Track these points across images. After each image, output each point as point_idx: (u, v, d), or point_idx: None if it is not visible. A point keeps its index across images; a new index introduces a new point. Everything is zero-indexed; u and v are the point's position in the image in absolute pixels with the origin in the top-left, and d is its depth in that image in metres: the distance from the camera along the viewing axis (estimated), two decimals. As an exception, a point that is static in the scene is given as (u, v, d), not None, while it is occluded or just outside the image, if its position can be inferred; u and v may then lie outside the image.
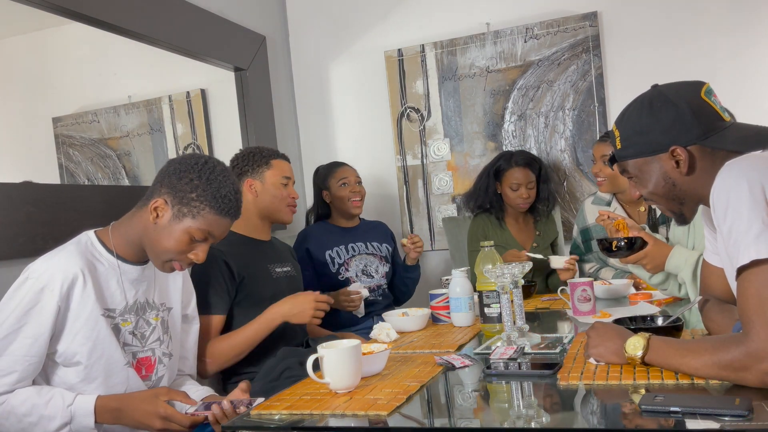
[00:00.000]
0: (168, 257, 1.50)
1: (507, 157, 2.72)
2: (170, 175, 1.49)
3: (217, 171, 1.50)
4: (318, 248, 2.57)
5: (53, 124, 2.25)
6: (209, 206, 1.47)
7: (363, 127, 3.37)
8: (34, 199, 1.79)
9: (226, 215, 1.51)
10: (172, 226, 1.47)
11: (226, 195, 1.49)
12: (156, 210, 1.47)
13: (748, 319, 1.08)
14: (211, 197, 1.47)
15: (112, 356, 1.46)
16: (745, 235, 1.08)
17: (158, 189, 1.50)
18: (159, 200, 1.47)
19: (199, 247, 1.51)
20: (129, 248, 1.53)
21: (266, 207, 2.11)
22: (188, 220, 1.47)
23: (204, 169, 1.49)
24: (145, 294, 1.57)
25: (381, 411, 1.18)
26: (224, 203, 1.49)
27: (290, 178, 2.16)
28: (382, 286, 2.65)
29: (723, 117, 1.27)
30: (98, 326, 1.44)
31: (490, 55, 3.11)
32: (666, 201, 1.34)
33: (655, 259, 1.82)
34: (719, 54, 2.81)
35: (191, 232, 1.47)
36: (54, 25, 2.10)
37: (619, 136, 1.35)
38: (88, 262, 1.45)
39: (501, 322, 1.75)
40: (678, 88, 1.30)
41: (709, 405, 1.01)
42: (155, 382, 1.57)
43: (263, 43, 3.09)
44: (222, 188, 1.49)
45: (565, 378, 1.26)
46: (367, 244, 2.66)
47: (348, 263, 2.58)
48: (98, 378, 1.44)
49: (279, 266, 2.12)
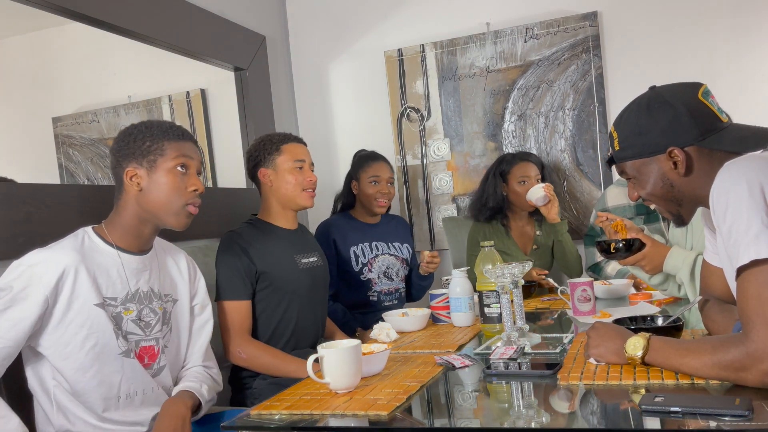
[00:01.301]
0: (176, 205, 1.56)
1: (509, 158, 2.75)
2: (119, 151, 1.57)
3: (150, 122, 1.60)
4: (343, 242, 2.54)
5: (53, 124, 2.25)
6: (166, 139, 1.56)
7: (363, 127, 3.37)
8: (34, 199, 1.79)
9: (182, 138, 1.59)
10: (155, 178, 1.54)
11: (170, 125, 1.60)
12: (133, 179, 1.54)
13: (748, 319, 1.08)
14: (161, 133, 1.56)
15: (107, 345, 1.46)
16: (744, 236, 1.08)
17: (119, 168, 1.56)
18: (127, 170, 1.54)
19: (190, 179, 1.58)
20: (127, 238, 1.56)
21: (283, 194, 2.06)
22: (161, 161, 1.55)
23: (137, 126, 1.58)
24: (148, 283, 1.58)
25: (381, 411, 1.18)
26: (174, 130, 1.59)
27: (304, 160, 2.10)
28: (400, 290, 2.63)
29: (721, 118, 1.27)
30: (92, 316, 1.44)
31: (490, 55, 3.11)
32: (664, 202, 1.34)
33: (654, 260, 1.82)
34: (719, 54, 2.81)
35: (172, 166, 1.55)
36: (54, 25, 2.10)
37: (617, 138, 1.35)
38: (85, 254, 1.47)
39: (501, 322, 1.75)
40: (675, 90, 1.31)
41: (709, 405, 1.01)
42: (157, 371, 1.58)
43: (263, 43, 3.09)
44: (162, 124, 1.59)
45: (565, 378, 1.26)
46: (389, 244, 2.63)
47: (372, 263, 2.56)
48: (93, 367, 1.45)
49: (305, 257, 2.09)
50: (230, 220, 2.47)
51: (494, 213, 2.74)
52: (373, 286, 2.55)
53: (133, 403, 1.52)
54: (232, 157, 2.92)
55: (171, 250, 1.73)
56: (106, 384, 1.48)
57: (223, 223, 2.52)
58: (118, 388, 1.50)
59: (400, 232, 2.72)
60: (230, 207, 2.57)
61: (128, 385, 1.51)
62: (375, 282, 2.55)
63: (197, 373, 1.67)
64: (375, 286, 2.55)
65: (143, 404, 1.54)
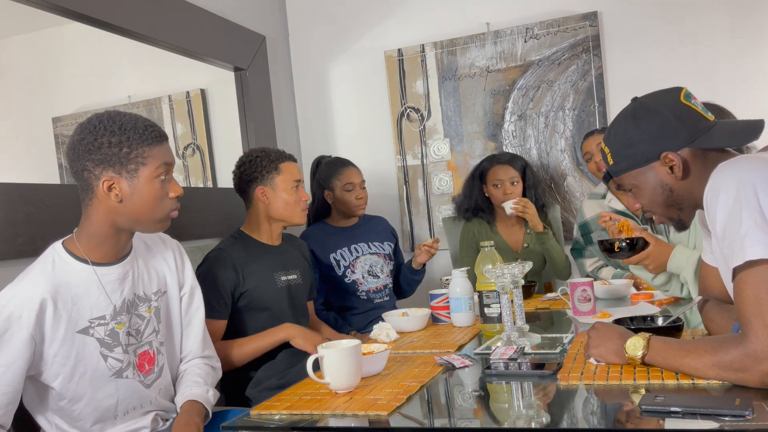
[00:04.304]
0: (160, 214, 1.46)
1: (489, 158, 2.77)
2: (86, 154, 1.40)
3: (117, 118, 1.42)
4: (322, 251, 2.56)
5: (53, 124, 2.25)
6: (146, 144, 1.42)
7: (363, 127, 3.37)
8: (34, 199, 1.79)
9: (161, 140, 1.45)
10: (137, 187, 1.41)
11: (144, 126, 1.43)
12: (111, 189, 1.40)
13: (747, 320, 1.08)
14: (138, 138, 1.41)
15: (96, 370, 1.42)
16: (738, 236, 1.09)
17: (90, 174, 1.41)
18: (104, 179, 1.40)
19: (169, 184, 1.47)
20: (101, 249, 1.45)
21: (280, 213, 2.09)
22: (143, 170, 1.42)
23: (107, 126, 1.41)
24: (132, 290, 1.51)
25: (381, 411, 1.18)
26: (151, 133, 1.43)
27: (300, 180, 2.14)
28: (388, 286, 2.64)
29: (706, 117, 1.28)
30: (76, 344, 1.40)
31: (490, 55, 3.11)
32: (665, 208, 1.35)
33: (657, 260, 1.82)
34: (719, 54, 2.81)
35: (154, 176, 1.43)
36: (54, 25, 2.10)
37: (609, 153, 1.37)
38: (58, 280, 1.38)
39: (501, 322, 1.75)
40: (657, 97, 1.32)
41: (710, 405, 1.01)
42: (158, 373, 1.55)
43: (263, 43, 3.09)
44: (136, 125, 1.42)
45: (565, 378, 1.26)
46: (370, 243, 2.65)
47: (353, 265, 2.57)
48: (85, 395, 1.42)
49: (285, 274, 2.11)
50: (230, 220, 2.48)
51: (473, 213, 2.77)
52: (360, 286, 2.56)
53: (132, 416, 1.50)
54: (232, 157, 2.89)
55: (154, 243, 1.64)
56: (101, 409, 1.45)
57: (222, 223, 2.53)
58: (115, 409, 1.47)
59: (380, 231, 2.73)
60: (230, 207, 2.57)
61: (125, 405, 1.48)
62: (360, 282, 2.56)
63: (199, 370, 1.63)
64: (361, 286, 2.56)
65: (142, 415, 1.52)
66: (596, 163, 2.71)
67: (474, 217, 2.79)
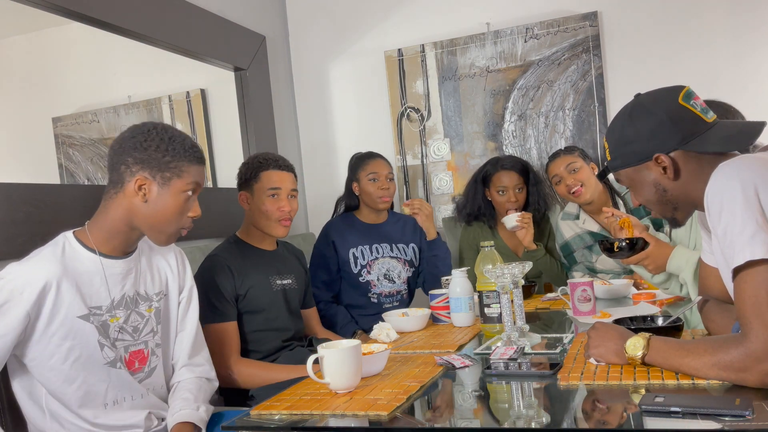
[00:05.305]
0: (172, 228, 1.52)
1: (493, 162, 2.73)
2: (131, 150, 1.47)
3: (169, 130, 1.52)
4: (342, 244, 2.54)
5: (53, 124, 2.25)
6: (186, 160, 1.50)
7: (363, 127, 3.37)
8: (34, 199, 1.79)
9: (200, 162, 1.55)
10: (164, 194, 1.48)
11: (191, 145, 1.53)
12: (142, 188, 1.47)
13: (747, 320, 1.08)
14: (183, 152, 1.50)
15: (91, 356, 1.44)
16: (739, 237, 1.09)
17: (127, 169, 1.47)
18: (138, 178, 1.46)
19: (192, 204, 1.55)
20: (111, 242, 1.50)
21: (257, 221, 2.06)
22: (176, 181, 1.49)
23: (159, 132, 1.50)
24: (134, 286, 1.54)
25: (381, 411, 1.19)
26: (195, 152, 1.53)
27: (279, 188, 2.05)
28: (402, 293, 2.61)
29: (705, 119, 1.28)
30: (75, 328, 1.42)
31: (490, 55, 3.11)
32: (660, 207, 1.36)
33: (657, 260, 1.82)
34: (719, 54, 2.81)
35: (184, 189, 1.50)
36: (54, 25, 2.10)
37: (608, 148, 1.39)
38: (65, 264, 1.42)
39: (501, 322, 1.75)
40: (657, 96, 1.33)
41: (710, 405, 1.01)
42: (148, 373, 1.56)
43: (263, 43, 3.09)
44: (184, 141, 1.52)
45: (565, 378, 1.26)
46: (393, 246, 2.61)
47: (371, 265, 2.55)
48: (78, 378, 1.44)
49: (280, 278, 2.10)
50: (230, 220, 2.47)
51: (473, 217, 2.75)
52: (373, 288, 2.54)
53: (122, 408, 1.50)
54: (232, 157, 2.92)
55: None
56: (92, 393, 1.46)
57: (223, 223, 2.53)
58: (104, 396, 1.48)
59: (407, 232, 2.68)
60: (230, 207, 2.56)
61: (115, 393, 1.49)
62: (374, 284, 2.55)
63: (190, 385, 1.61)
64: (374, 288, 2.54)
65: (132, 408, 1.52)
66: (567, 186, 2.56)
67: (475, 221, 2.77)
